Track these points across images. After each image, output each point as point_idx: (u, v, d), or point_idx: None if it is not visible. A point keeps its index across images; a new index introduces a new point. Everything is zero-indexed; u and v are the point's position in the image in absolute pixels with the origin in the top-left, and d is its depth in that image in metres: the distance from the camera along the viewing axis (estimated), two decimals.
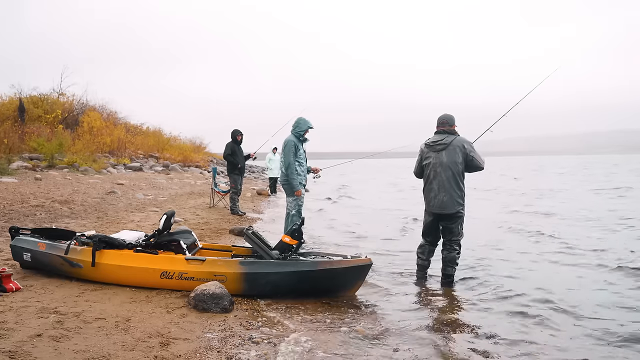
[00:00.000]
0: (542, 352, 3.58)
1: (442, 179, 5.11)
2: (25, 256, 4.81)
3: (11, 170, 13.99)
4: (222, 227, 8.46)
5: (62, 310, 3.79)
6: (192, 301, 4.08)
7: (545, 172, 37.49)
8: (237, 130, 10.61)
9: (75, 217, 8.45)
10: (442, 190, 5.11)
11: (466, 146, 5.11)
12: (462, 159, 5.09)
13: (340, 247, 7.21)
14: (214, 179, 11.74)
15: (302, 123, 6.64)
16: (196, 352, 3.21)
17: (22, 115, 19.94)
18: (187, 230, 5.20)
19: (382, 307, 4.58)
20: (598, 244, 7.54)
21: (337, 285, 4.70)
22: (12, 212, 8.25)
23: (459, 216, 5.17)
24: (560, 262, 6.45)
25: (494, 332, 3.91)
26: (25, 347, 3.09)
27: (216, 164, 23.75)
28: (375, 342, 3.68)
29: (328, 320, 4.07)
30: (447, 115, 5.27)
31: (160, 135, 28.76)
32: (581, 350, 3.63)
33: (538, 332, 3.98)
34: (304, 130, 6.62)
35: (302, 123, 6.64)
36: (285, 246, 4.69)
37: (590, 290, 5.19)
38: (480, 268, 6.06)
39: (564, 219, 10.58)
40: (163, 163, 23.62)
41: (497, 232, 9.02)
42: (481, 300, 4.79)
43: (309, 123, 6.66)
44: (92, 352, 3.08)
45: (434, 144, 5.20)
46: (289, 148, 6.52)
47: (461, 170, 5.13)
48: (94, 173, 16.64)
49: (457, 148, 5.09)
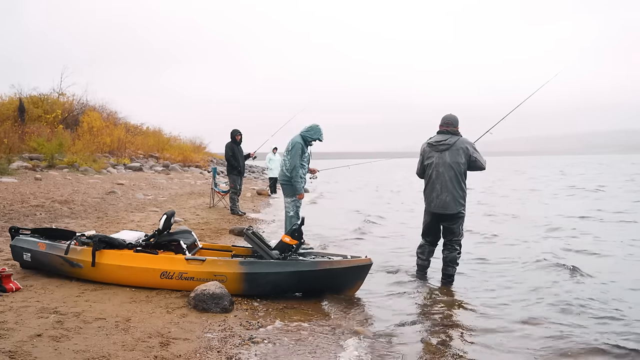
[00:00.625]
0: (542, 353, 3.58)
1: (444, 179, 5.11)
2: (25, 256, 4.81)
3: (11, 170, 13.99)
4: (222, 227, 8.46)
5: (62, 310, 3.79)
6: (192, 301, 4.08)
7: (526, 174, 36.66)
8: (237, 130, 10.62)
9: (75, 217, 8.45)
10: (445, 191, 5.11)
11: (469, 147, 5.12)
12: (465, 160, 5.10)
13: (339, 247, 7.21)
14: (214, 179, 11.75)
15: (317, 131, 6.49)
16: (196, 352, 3.21)
17: (22, 115, 19.94)
18: (187, 230, 5.20)
19: (383, 307, 4.58)
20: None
21: (337, 285, 4.70)
22: (12, 212, 8.25)
23: (460, 216, 5.18)
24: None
25: (495, 333, 3.91)
26: (25, 347, 3.09)
27: (216, 164, 23.75)
28: (375, 342, 3.68)
29: (328, 320, 4.07)
30: (451, 116, 5.27)
31: (160, 135, 28.77)
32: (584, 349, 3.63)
33: (540, 333, 3.98)
34: (315, 138, 6.52)
35: (317, 131, 6.49)
36: (285, 246, 4.69)
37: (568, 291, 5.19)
38: (480, 268, 6.06)
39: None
40: (163, 163, 23.62)
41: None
42: (481, 299, 4.80)
43: (321, 135, 6.53)
44: (92, 352, 3.08)
45: (437, 143, 5.19)
46: (295, 150, 6.43)
47: (463, 170, 5.14)
48: (94, 173, 16.64)
49: (461, 149, 5.10)
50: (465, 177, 5.20)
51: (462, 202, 5.14)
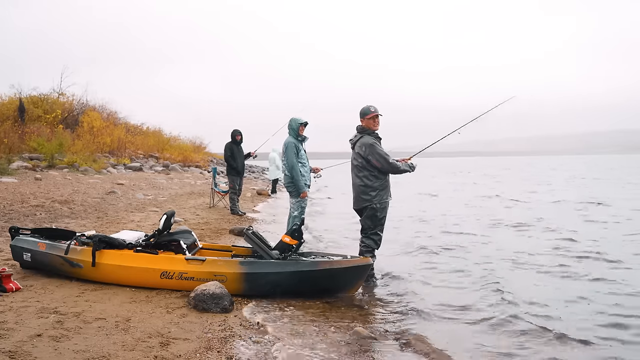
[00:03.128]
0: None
1: (352, 176, 5.35)
2: (25, 256, 4.81)
3: (11, 170, 13.99)
4: (222, 227, 8.45)
5: (62, 310, 3.79)
6: (192, 301, 4.07)
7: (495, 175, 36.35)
8: (237, 131, 10.65)
9: (75, 217, 8.45)
10: (353, 187, 5.37)
11: (365, 148, 5.15)
12: (364, 159, 5.19)
13: (339, 247, 7.21)
14: (214, 179, 11.75)
15: (293, 122, 6.62)
16: (196, 352, 3.21)
17: (22, 115, 19.94)
18: (187, 230, 5.20)
19: (383, 307, 4.58)
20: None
21: (337, 285, 4.70)
22: (12, 212, 8.25)
23: (370, 212, 5.27)
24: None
25: (496, 334, 3.91)
26: (25, 347, 3.09)
27: (216, 164, 23.75)
28: (375, 342, 3.68)
29: (328, 320, 4.07)
30: (362, 109, 5.31)
31: (160, 135, 28.77)
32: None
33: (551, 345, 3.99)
34: (298, 128, 6.61)
35: (293, 122, 6.62)
36: (285, 246, 4.69)
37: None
38: (470, 270, 6.07)
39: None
40: (163, 163, 23.62)
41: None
42: (479, 300, 4.80)
43: (300, 120, 6.63)
44: (92, 352, 3.08)
45: (350, 140, 5.37)
46: (290, 150, 6.48)
47: (368, 167, 5.19)
48: (94, 173, 16.65)
49: (360, 149, 5.20)
50: (373, 173, 5.18)
51: (366, 197, 5.20)
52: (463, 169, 48.70)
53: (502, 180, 27.77)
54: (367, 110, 5.24)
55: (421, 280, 5.53)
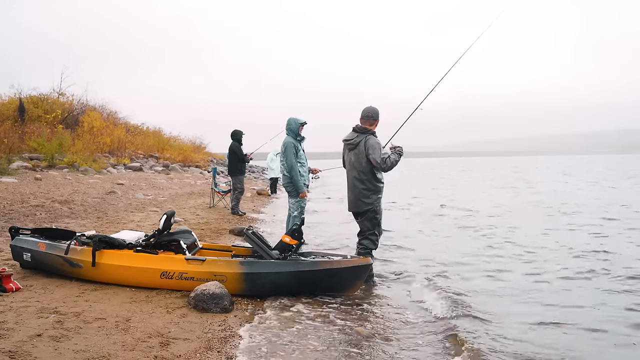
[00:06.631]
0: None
1: (349, 178, 5.31)
2: (25, 256, 4.81)
3: (11, 170, 13.99)
4: (222, 227, 8.45)
5: (62, 310, 3.79)
6: (192, 301, 4.08)
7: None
8: (242, 132, 10.64)
9: (75, 217, 8.45)
10: (349, 190, 5.33)
11: (368, 147, 5.10)
12: (366, 160, 5.14)
13: (339, 248, 7.21)
14: (214, 179, 11.74)
15: (293, 122, 6.63)
16: (196, 352, 3.21)
17: (22, 115, 19.94)
18: (187, 230, 5.20)
19: (383, 306, 4.58)
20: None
21: (337, 285, 4.70)
22: (12, 212, 8.25)
23: (369, 215, 5.25)
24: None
25: (499, 334, 3.91)
26: (25, 347, 3.09)
27: (216, 164, 23.74)
28: (375, 342, 3.68)
29: (328, 320, 4.07)
30: (369, 109, 5.25)
31: (160, 135, 28.77)
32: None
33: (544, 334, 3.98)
34: (297, 128, 6.62)
35: (293, 122, 6.63)
36: (285, 246, 4.69)
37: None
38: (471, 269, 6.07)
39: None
40: (163, 163, 23.62)
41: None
42: (481, 299, 4.80)
43: (299, 120, 6.66)
44: (92, 352, 3.08)
45: (346, 142, 5.31)
46: (289, 150, 6.50)
47: (369, 169, 5.15)
48: (94, 173, 16.65)
49: (363, 150, 5.13)
50: (375, 175, 5.18)
51: (368, 201, 5.18)
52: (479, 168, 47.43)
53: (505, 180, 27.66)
54: (378, 113, 5.23)
55: (422, 280, 5.52)
